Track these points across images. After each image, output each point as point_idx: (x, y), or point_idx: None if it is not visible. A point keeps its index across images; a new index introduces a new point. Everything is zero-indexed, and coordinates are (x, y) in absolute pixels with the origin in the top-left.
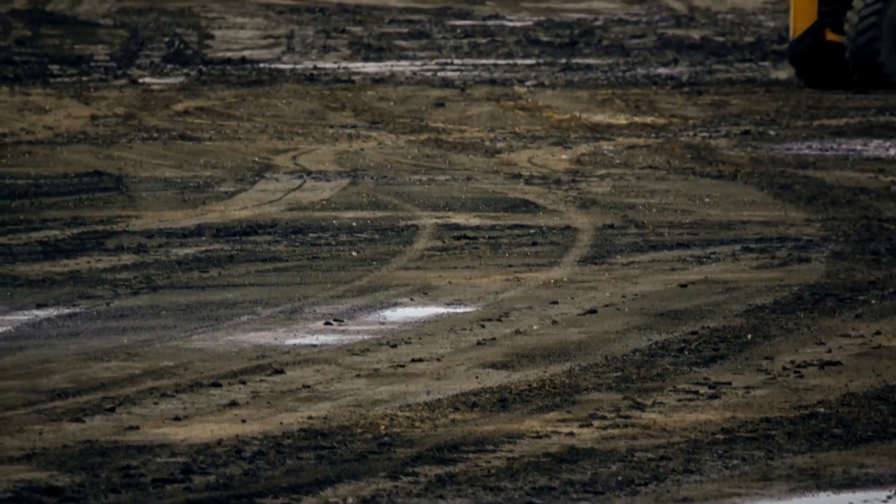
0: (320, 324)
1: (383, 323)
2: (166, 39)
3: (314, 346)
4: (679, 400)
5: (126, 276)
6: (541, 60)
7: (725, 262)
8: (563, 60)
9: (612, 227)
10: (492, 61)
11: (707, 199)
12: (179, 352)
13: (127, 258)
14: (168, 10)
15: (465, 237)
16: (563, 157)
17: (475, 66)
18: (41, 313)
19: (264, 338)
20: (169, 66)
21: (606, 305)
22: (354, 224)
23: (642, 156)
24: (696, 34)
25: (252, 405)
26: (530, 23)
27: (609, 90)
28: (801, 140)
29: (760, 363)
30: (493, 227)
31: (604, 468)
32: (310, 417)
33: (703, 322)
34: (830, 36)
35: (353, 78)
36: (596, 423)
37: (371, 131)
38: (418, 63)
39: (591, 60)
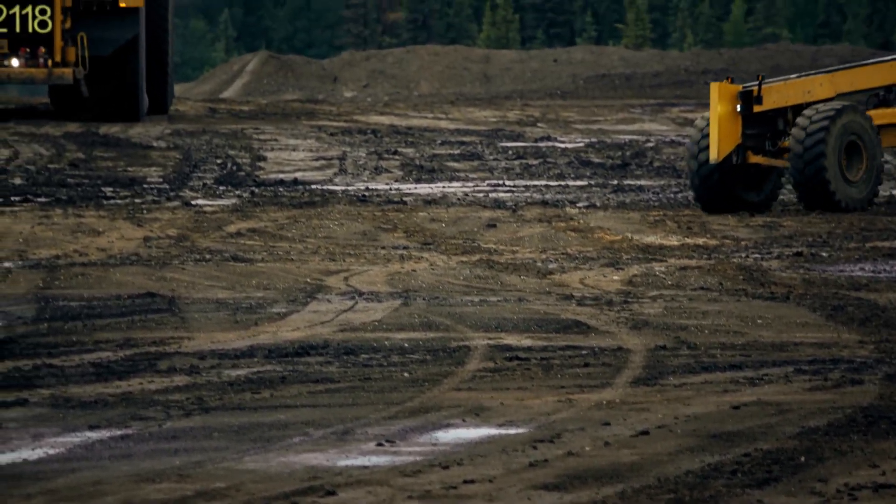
0: (372, 445)
1: (435, 444)
2: (219, 161)
3: (366, 467)
4: None
5: (178, 398)
6: (592, 182)
7: (778, 383)
8: (615, 182)
9: (664, 348)
10: (543, 182)
11: (759, 321)
12: (231, 473)
13: (179, 379)
14: (220, 133)
15: (517, 358)
16: (615, 278)
17: (527, 188)
18: (93, 435)
19: (316, 459)
20: (221, 187)
21: (659, 427)
22: (406, 345)
23: (694, 277)
24: None
25: None
26: (582, 144)
27: (661, 211)
28: (854, 262)
29: (814, 486)
30: (544, 348)
31: None
32: None
33: (756, 444)
34: (754, 158)
35: (405, 199)
36: None
37: (423, 252)
38: (470, 184)
39: (642, 182)
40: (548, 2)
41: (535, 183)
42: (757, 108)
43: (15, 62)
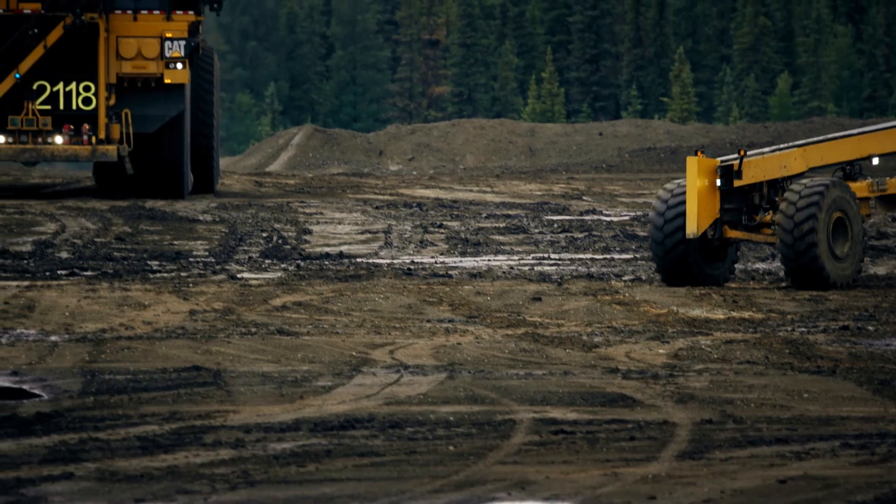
0: None
1: None
2: (264, 235)
3: None
4: None
5: (224, 471)
6: (638, 255)
7: (825, 457)
8: None
9: (710, 422)
10: (589, 256)
11: (806, 395)
12: None
13: (225, 453)
14: (266, 206)
15: (563, 431)
16: (661, 351)
17: (572, 261)
18: None
19: None
20: (267, 261)
21: (705, 501)
22: (451, 418)
23: (740, 351)
24: None
25: None
26: (627, 217)
27: (706, 285)
28: None
29: None
30: (590, 422)
31: None
32: None
33: None
34: (731, 233)
35: (451, 272)
36: None
37: (468, 326)
38: (515, 258)
39: None
40: (593, 75)
41: (581, 256)
42: (737, 183)
43: (59, 139)
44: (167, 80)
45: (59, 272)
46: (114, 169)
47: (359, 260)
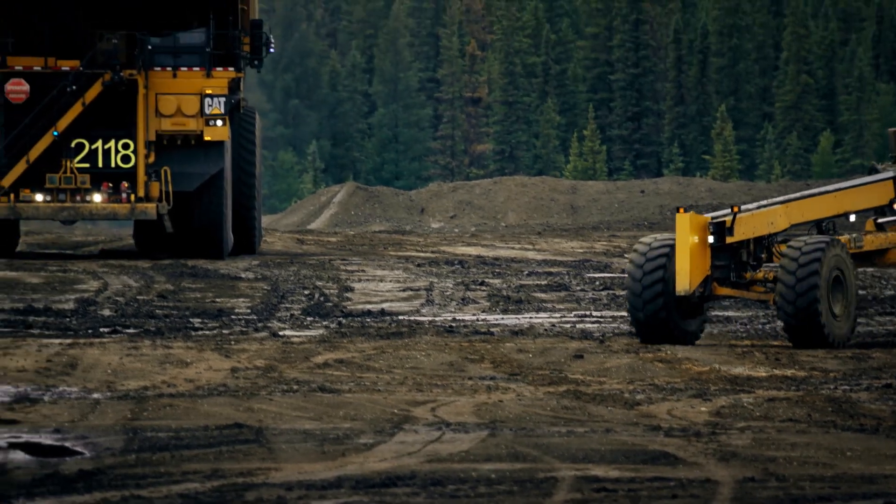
0: None
1: None
2: (306, 292)
3: None
4: None
5: None
6: None
7: None
8: None
9: (752, 479)
10: None
11: (849, 453)
12: None
13: None
14: (308, 264)
15: (605, 489)
16: (703, 409)
17: (614, 318)
18: None
19: None
20: (309, 318)
21: None
22: (493, 476)
23: (783, 408)
24: None
25: None
26: None
27: (748, 342)
28: None
29: None
30: (632, 480)
31: None
32: None
33: None
34: (721, 290)
35: (492, 330)
36: None
37: (510, 383)
38: (557, 315)
39: (730, 313)
40: (635, 133)
41: (623, 314)
42: (729, 240)
43: (97, 197)
44: (207, 138)
45: (101, 330)
46: (153, 228)
47: (400, 317)
